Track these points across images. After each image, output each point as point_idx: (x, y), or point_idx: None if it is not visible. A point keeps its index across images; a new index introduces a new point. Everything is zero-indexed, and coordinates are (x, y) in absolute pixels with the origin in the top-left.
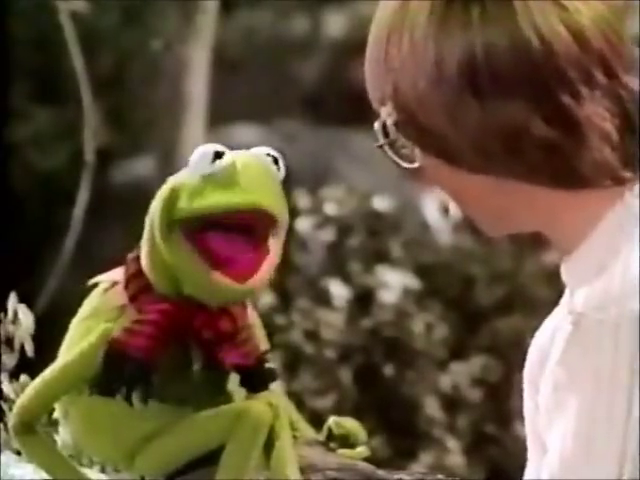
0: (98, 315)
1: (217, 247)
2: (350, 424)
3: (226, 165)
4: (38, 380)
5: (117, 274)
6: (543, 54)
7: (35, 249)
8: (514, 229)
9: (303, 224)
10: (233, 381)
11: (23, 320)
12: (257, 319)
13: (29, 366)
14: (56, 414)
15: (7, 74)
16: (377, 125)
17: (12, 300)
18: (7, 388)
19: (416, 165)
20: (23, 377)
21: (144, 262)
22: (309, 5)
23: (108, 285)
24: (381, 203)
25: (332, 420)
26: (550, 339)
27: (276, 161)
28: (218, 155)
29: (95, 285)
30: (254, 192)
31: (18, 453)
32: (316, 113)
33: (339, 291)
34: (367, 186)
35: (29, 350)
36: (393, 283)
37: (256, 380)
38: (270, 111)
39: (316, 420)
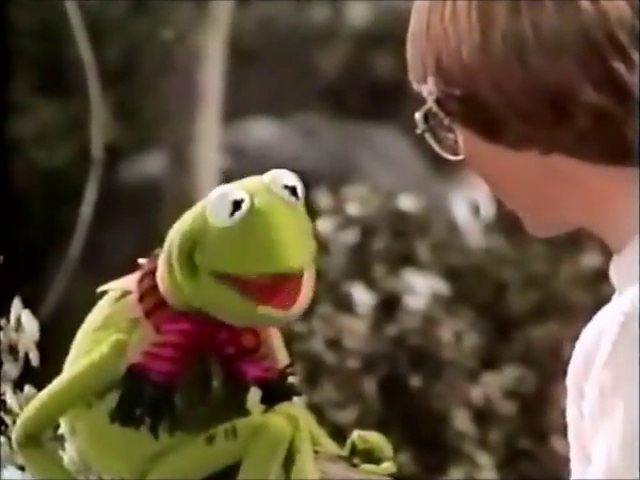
0: (109, 326)
1: (251, 282)
2: (375, 438)
3: (245, 217)
4: (45, 391)
5: (128, 282)
6: (594, 15)
7: (40, 251)
8: (562, 223)
9: (324, 225)
10: (251, 399)
11: (27, 327)
12: (275, 328)
13: (34, 376)
14: (62, 430)
15: (9, 65)
16: (418, 114)
17: (15, 305)
18: (10, 399)
19: (459, 157)
20: (27, 388)
21: (161, 284)
22: None
23: (119, 294)
24: (407, 203)
25: (356, 434)
26: (596, 342)
27: (294, 191)
28: (236, 204)
29: (103, 292)
30: (278, 256)
31: (21, 468)
32: (337, 107)
33: (363, 296)
34: (392, 185)
35: (34, 359)
36: (420, 288)
37: (277, 395)
38: (288, 105)
39: (338, 434)
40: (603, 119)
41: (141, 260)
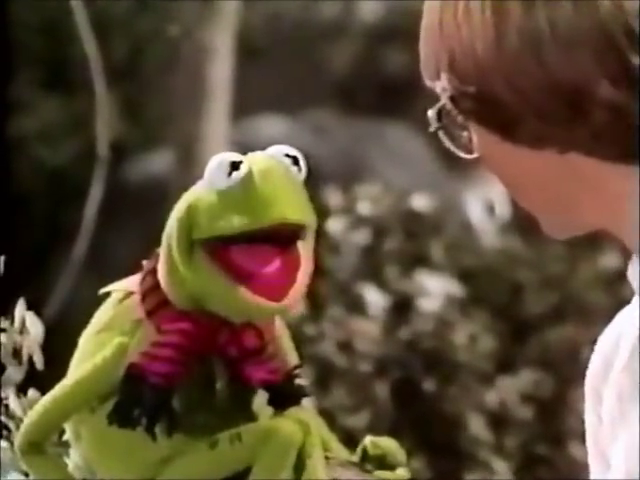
0: (112, 328)
1: (241, 261)
2: (387, 444)
3: (243, 178)
4: (48, 397)
5: (132, 283)
6: (610, 10)
7: (43, 251)
8: (580, 225)
9: (335, 225)
10: (257, 401)
11: (31, 329)
12: (285, 329)
13: (38, 380)
14: (66, 436)
15: (12, 61)
16: (431, 112)
17: (19, 307)
18: (14, 404)
19: (473, 155)
20: (31, 392)
21: (162, 279)
22: None
23: (122, 295)
24: (420, 202)
25: (368, 439)
26: (615, 345)
27: (296, 161)
28: (234, 165)
29: (107, 293)
30: (275, 206)
31: (26, 475)
32: (348, 104)
33: (374, 298)
34: (404, 183)
35: (38, 362)
36: (434, 290)
37: (285, 398)
38: (298, 102)
39: (350, 439)
40: (620, 115)
41: (145, 261)
